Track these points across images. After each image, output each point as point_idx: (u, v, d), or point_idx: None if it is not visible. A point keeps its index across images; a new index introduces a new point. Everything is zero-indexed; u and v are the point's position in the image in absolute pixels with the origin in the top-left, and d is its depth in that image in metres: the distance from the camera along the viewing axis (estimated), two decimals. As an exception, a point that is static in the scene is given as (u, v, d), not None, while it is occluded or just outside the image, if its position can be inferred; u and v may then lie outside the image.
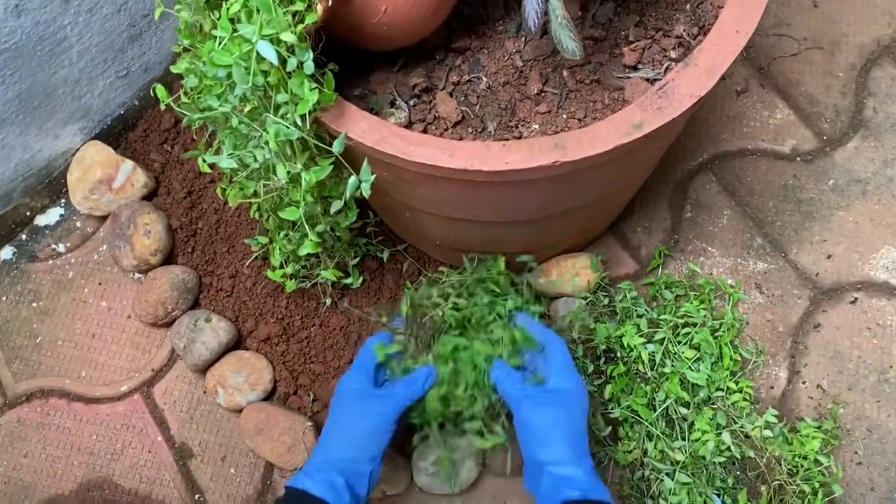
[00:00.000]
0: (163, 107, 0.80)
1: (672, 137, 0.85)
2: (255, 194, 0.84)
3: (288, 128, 0.70)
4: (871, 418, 1.08)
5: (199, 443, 1.12)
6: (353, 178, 0.75)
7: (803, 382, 1.10)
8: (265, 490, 1.09)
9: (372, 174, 0.75)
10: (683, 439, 1.01)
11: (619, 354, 1.06)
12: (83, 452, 1.12)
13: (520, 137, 0.78)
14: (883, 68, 1.27)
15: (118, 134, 1.25)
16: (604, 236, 1.19)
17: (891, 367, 1.10)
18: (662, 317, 1.07)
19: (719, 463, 1.00)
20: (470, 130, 0.79)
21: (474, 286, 1.06)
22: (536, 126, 0.78)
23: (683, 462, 0.99)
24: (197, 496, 1.10)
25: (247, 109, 0.72)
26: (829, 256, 1.16)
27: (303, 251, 0.81)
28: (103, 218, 1.22)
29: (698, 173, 1.23)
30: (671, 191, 1.22)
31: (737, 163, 1.23)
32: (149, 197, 1.22)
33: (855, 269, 1.16)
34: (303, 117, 0.70)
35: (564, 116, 0.78)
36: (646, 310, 1.09)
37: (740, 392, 1.04)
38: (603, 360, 1.07)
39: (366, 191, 0.75)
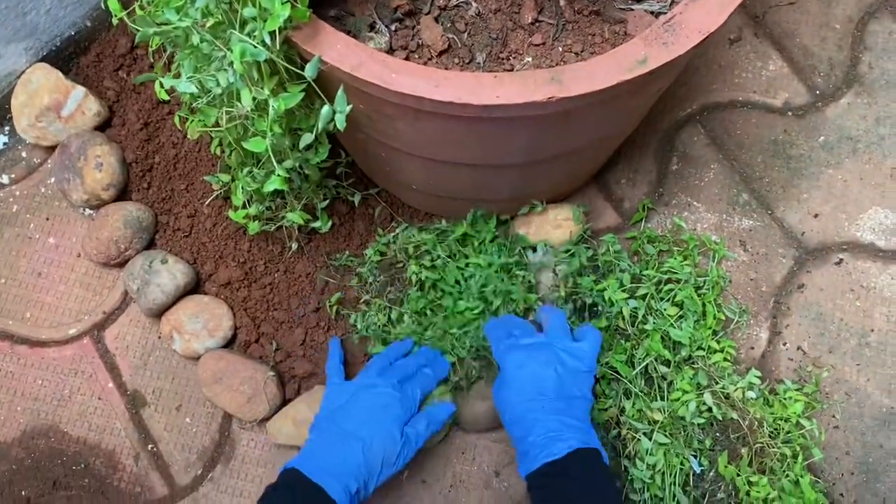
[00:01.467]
0: (114, 21, 0.71)
1: (673, 77, 0.79)
2: (217, 124, 0.76)
3: (255, 47, 0.63)
4: (850, 382, 1.05)
5: (153, 390, 1.06)
6: (326, 109, 0.68)
7: (784, 344, 1.07)
8: (223, 441, 1.04)
9: (348, 104, 0.68)
10: (662, 398, 0.97)
11: (601, 309, 1.02)
12: (27, 398, 1.05)
13: (511, 70, 0.71)
14: (881, 22, 1.22)
15: (68, 57, 1.15)
16: (587, 187, 1.14)
17: (872, 330, 1.08)
18: (645, 272, 1.03)
19: (698, 424, 0.97)
20: (456, 61, 0.72)
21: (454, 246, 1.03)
22: (530, 59, 0.71)
23: (662, 422, 0.96)
24: (150, 446, 1.04)
25: (209, 24, 0.64)
26: (815, 215, 1.13)
27: (268, 188, 0.74)
28: (51, 148, 1.13)
29: (686, 124, 1.17)
30: (657, 142, 1.17)
31: (726, 115, 1.18)
32: (101, 127, 1.13)
33: (841, 230, 1.12)
34: (272, 35, 0.63)
35: (560, 49, 0.71)
36: (629, 264, 1.04)
37: (721, 352, 1.01)
38: (586, 314, 1.03)
39: (340, 123, 0.68)
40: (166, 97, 0.79)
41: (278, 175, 0.72)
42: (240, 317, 1.05)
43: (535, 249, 1.03)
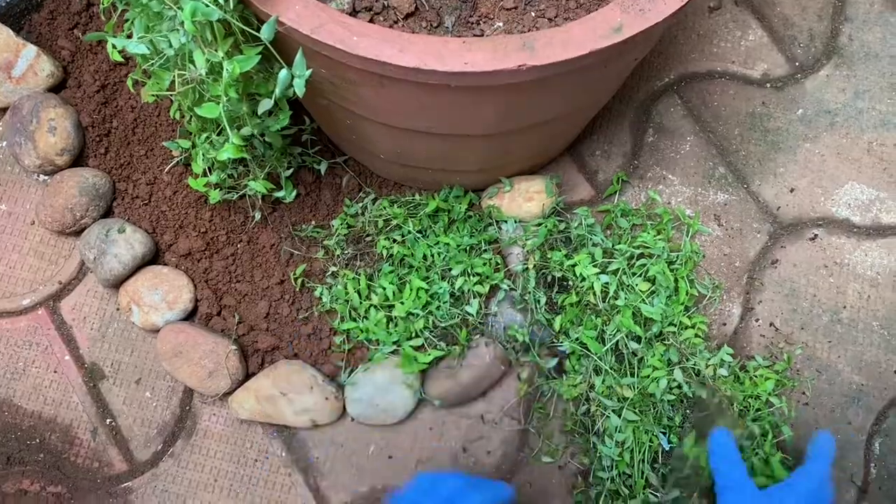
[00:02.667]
0: (59, -25, 0.67)
1: (648, 48, 0.76)
2: (172, 88, 0.72)
3: (207, 6, 0.59)
4: (822, 359, 1.05)
5: (112, 363, 1.02)
6: (284, 73, 0.65)
7: (756, 320, 1.06)
8: (184, 416, 1.01)
9: (308, 69, 0.64)
10: (633, 375, 0.96)
11: (571, 283, 1.00)
12: (-21, 371, 1.02)
13: (481, 35, 0.68)
14: (862, -8, 1.20)
15: (20, 14, 1.09)
16: (560, 158, 1.11)
17: (844, 307, 1.07)
18: (618, 246, 1.01)
19: (668, 401, 0.96)
20: (424, 25, 0.68)
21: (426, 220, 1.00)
22: (500, 24, 0.68)
23: (632, 399, 0.94)
24: (108, 420, 1.01)
25: (158, -20, 0.60)
26: (791, 190, 1.11)
27: (222, 156, 0.71)
28: (2, 110, 1.08)
29: (663, 95, 1.15)
30: (633, 112, 1.14)
31: (704, 85, 1.15)
32: (56, 89, 1.07)
33: (817, 205, 1.11)
34: (225, -7, 0.59)
35: (533, 14, 0.68)
36: (601, 238, 1.02)
37: (693, 328, 0.99)
38: (556, 289, 1.01)
39: (299, 88, 0.65)
40: (120, 58, 0.75)
41: (233, 143, 0.69)
42: (201, 289, 1.02)
43: (506, 223, 1.01)
